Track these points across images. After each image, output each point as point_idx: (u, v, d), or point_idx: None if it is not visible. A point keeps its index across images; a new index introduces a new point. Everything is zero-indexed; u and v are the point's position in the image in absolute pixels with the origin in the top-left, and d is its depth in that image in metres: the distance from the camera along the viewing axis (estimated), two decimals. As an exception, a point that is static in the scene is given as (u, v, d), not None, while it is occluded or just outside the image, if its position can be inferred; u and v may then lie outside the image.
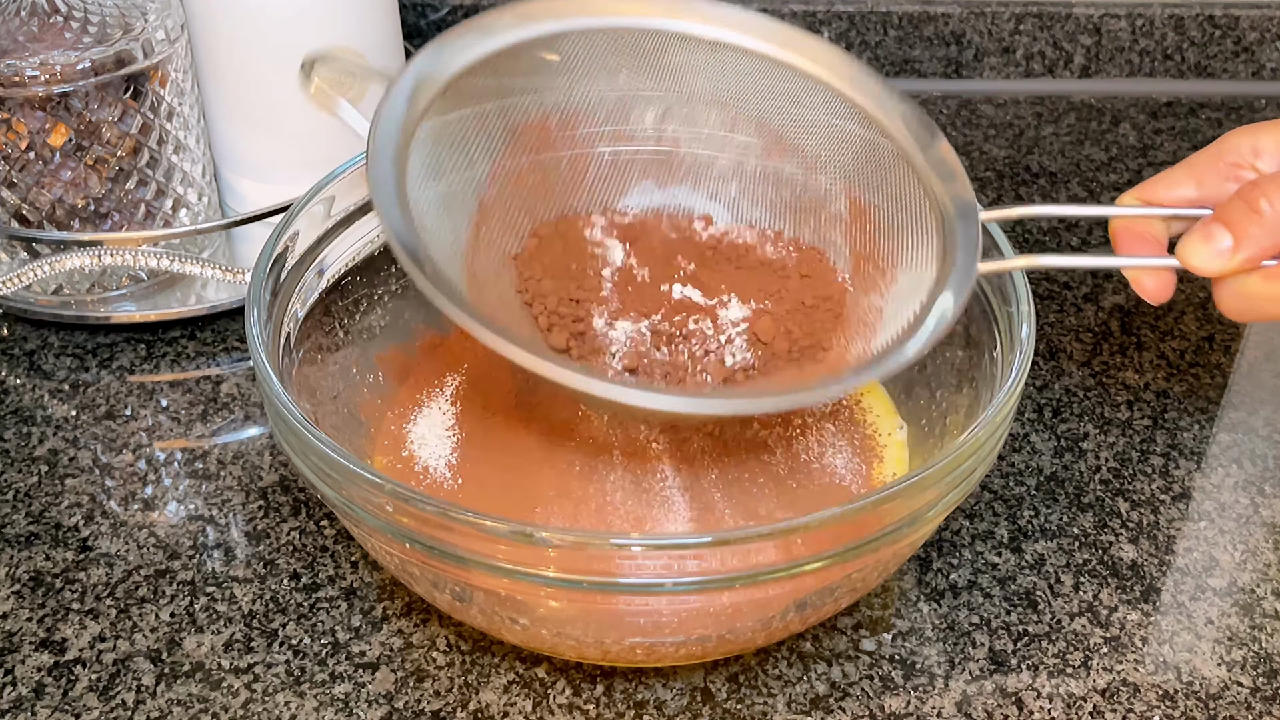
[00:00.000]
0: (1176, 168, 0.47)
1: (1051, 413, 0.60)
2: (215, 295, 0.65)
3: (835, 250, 0.51)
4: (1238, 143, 0.46)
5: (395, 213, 0.42)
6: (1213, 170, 0.46)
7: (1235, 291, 0.44)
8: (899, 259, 0.48)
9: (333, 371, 0.53)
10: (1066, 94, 0.87)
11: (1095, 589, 0.52)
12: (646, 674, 0.48)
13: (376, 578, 0.52)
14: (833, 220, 0.51)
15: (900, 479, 0.41)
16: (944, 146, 0.48)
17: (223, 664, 0.48)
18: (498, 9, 0.49)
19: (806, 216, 0.52)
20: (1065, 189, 0.77)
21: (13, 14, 0.61)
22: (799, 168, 0.52)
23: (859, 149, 0.50)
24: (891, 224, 0.49)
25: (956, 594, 0.51)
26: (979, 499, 0.56)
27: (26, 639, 0.50)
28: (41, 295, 0.65)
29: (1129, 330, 0.66)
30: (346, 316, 0.54)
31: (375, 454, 0.52)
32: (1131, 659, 0.49)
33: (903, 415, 0.55)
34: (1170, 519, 0.55)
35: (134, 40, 0.61)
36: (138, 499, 0.56)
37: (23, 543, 0.53)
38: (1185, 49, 0.87)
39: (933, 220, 0.47)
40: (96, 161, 0.62)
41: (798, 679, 0.48)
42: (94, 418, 0.60)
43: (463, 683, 0.48)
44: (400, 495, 0.40)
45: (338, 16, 0.64)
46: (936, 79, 0.88)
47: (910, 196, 0.48)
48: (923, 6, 0.85)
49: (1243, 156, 0.46)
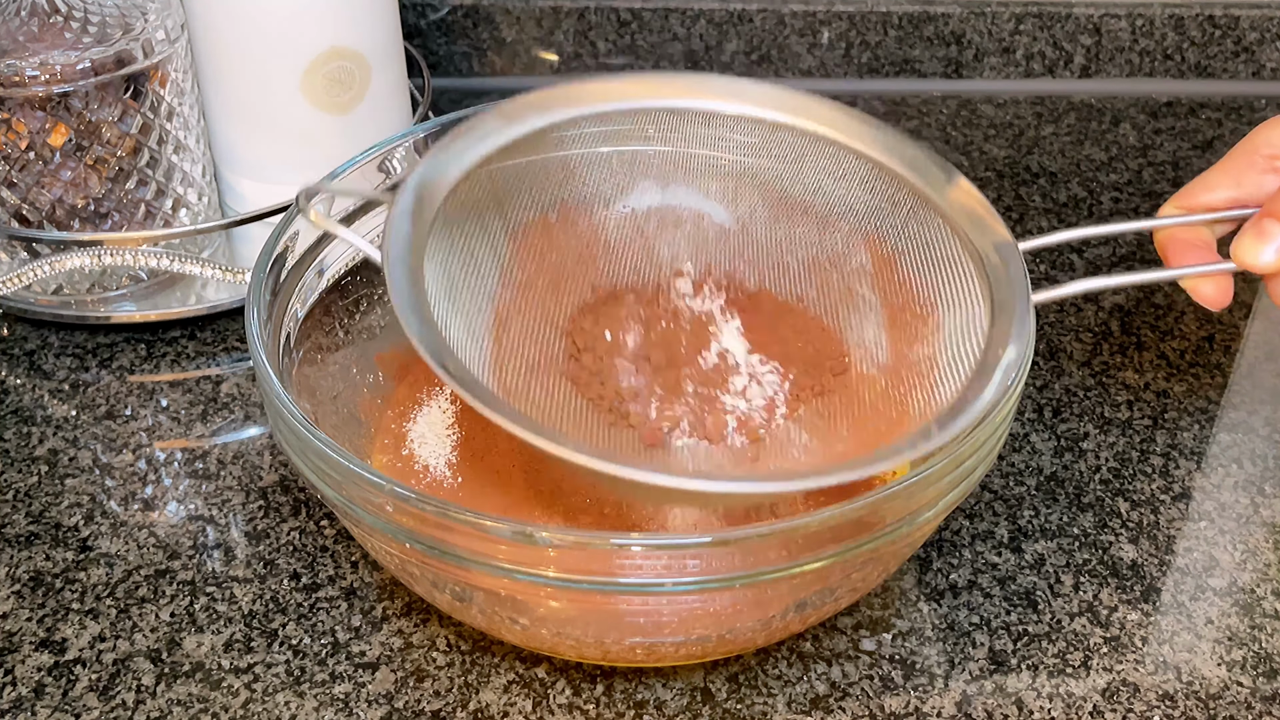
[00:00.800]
0: (1211, 170, 0.47)
1: (1051, 413, 0.60)
2: (215, 295, 0.65)
3: (866, 304, 0.50)
4: (1270, 135, 0.46)
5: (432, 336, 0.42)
6: (1248, 167, 0.46)
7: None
8: (938, 301, 0.47)
9: (333, 371, 0.53)
10: (1066, 94, 0.87)
11: (1095, 589, 0.52)
12: (646, 674, 0.48)
13: (376, 578, 0.52)
14: (857, 274, 0.50)
15: (900, 479, 0.41)
16: (963, 184, 0.48)
17: (223, 664, 0.48)
18: (481, 113, 0.48)
19: (828, 274, 0.51)
20: (1065, 189, 0.77)
21: (13, 14, 0.61)
22: (813, 227, 0.51)
23: (874, 199, 0.50)
24: (923, 269, 0.48)
25: (956, 594, 0.51)
26: (979, 499, 0.56)
27: (26, 639, 0.50)
28: (41, 295, 0.65)
29: (1129, 330, 0.66)
30: (346, 316, 0.54)
31: (375, 453, 0.52)
32: (1131, 659, 0.49)
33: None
34: (1170, 519, 0.55)
35: (134, 40, 0.61)
36: (138, 499, 0.56)
37: (23, 543, 0.53)
38: (1185, 49, 0.87)
39: (968, 259, 0.47)
40: (96, 161, 0.62)
41: (798, 679, 0.48)
42: (94, 418, 0.60)
43: (463, 683, 0.48)
44: (400, 495, 0.40)
45: (338, 16, 0.64)
46: (936, 79, 0.88)
47: (938, 239, 0.48)
48: (923, 6, 0.85)
49: (1276, 148, 0.45)
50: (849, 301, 0.50)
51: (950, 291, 0.47)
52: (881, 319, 0.49)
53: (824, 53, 0.87)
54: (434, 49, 0.87)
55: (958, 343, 0.46)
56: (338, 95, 0.65)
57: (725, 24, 0.86)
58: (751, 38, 0.86)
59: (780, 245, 0.52)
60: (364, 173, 0.53)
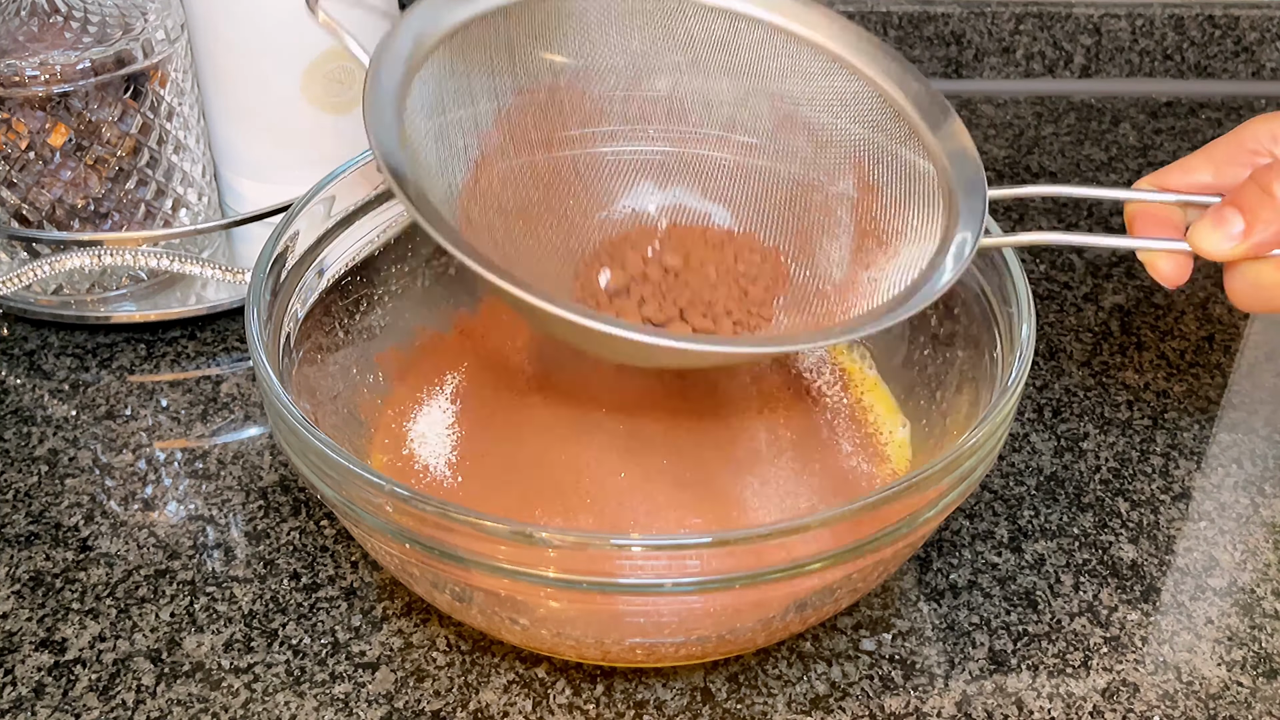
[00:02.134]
0: (1194, 155, 0.46)
1: (1051, 413, 0.60)
2: (215, 295, 0.65)
3: (841, 226, 0.51)
4: (1257, 130, 0.45)
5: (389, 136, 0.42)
6: (1231, 157, 0.46)
7: (1248, 280, 0.44)
8: (903, 233, 0.48)
9: (333, 371, 0.53)
10: (1066, 94, 0.87)
11: (1095, 589, 0.52)
12: (646, 674, 0.48)
13: (376, 578, 0.52)
14: (839, 198, 0.51)
15: (900, 479, 0.41)
16: (957, 126, 0.49)
17: (223, 664, 0.48)
18: None
19: (812, 193, 0.52)
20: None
21: (13, 14, 0.61)
22: (809, 143, 0.52)
23: (870, 126, 0.50)
24: (898, 200, 0.49)
25: (956, 594, 0.51)
26: (979, 499, 0.56)
27: (26, 639, 0.50)
28: (41, 295, 0.65)
29: (1129, 330, 0.66)
30: (346, 316, 0.54)
31: (375, 453, 0.52)
32: (1131, 659, 0.49)
33: (904, 415, 0.55)
34: (1170, 519, 0.55)
35: (134, 40, 0.61)
36: (138, 499, 0.56)
37: (23, 543, 0.53)
38: (1185, 49, 0.87)
39: (940, 197, 0.47)
40: (96, 161, 0.62)
41: (798, 679, 0.48)
42: (94, 418, 0.60)
43: (463, 683, 0.48)
44: (400, 495, 0.40)
45: (338, 17, 0.64)
46: (936, 79, 0.88)
47: (918, 173, 0.49)
48: (923, 6, 0.85)
49: (1261, 143, 0.45)
50: (825, 221, 0.51)
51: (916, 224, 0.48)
52: (851, 241, 0.50)
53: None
54: (434, 49, 0.87)
55: (905, 268, 0.47)
56: (338, 95, 0.65)
57: (725, 24, 0.86)
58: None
59: (776, 158, 0.52)
60: (364, 173, 0.53)
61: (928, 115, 0.49)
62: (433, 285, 0.57)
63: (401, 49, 0.45)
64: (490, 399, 0.54)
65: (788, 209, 0.52)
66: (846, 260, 0.50)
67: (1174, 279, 0.45)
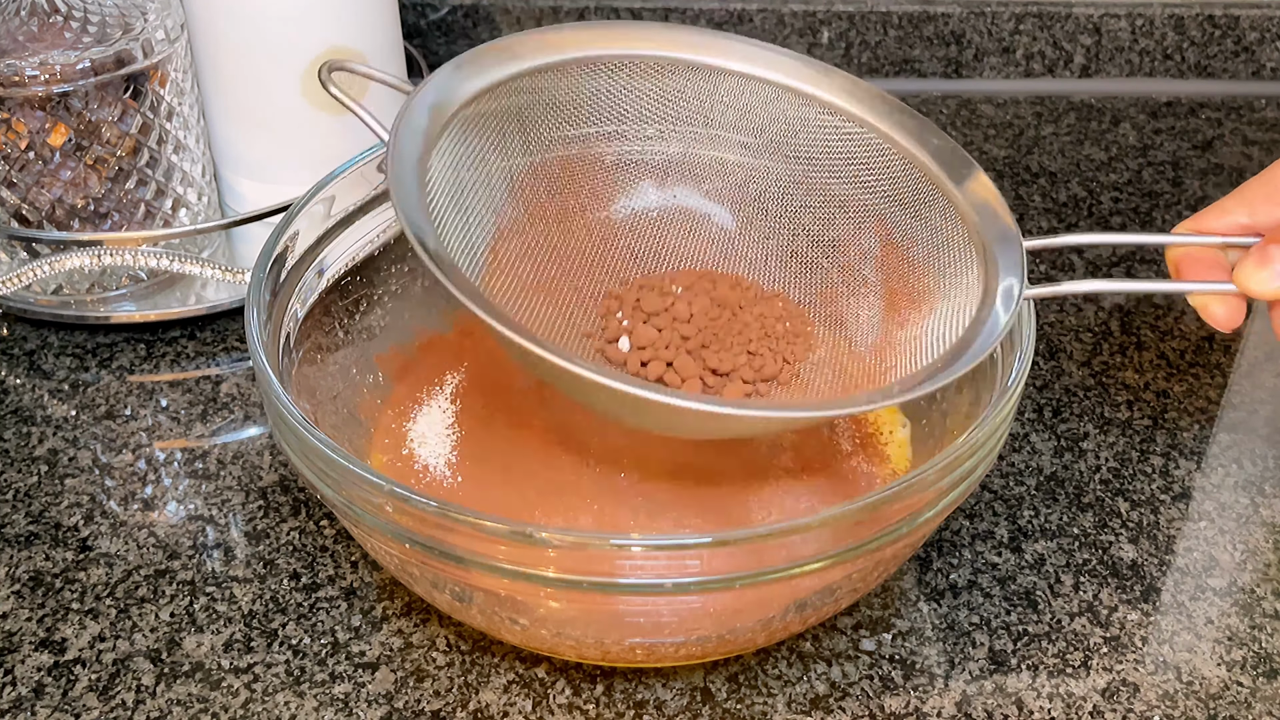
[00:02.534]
0: (1227, 197, 0.47)
1: (1051, 413, 0.60)
2: (215, 295, 0.65)
3: (868, 285, 0.51)
4: None
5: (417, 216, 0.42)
6: (1264, 196, 0.46)
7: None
8: (937, 290, 0.48)
9: (332, 371, 0.53)
10: (1066, 94, 0.87)
11: (1095, 589, 0.52)
12: (646, 674, 0.48)
13: (376, 578, 0.52)
14: (863, 256, 0.51)
15: (900, 479, 0.41)
16: (981, 179, 0.48)
17: (223, 664, 0.48)
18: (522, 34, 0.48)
19: (835, 252, 0.51)
20: (1065, 189, 0.77)
21: (13, 14, 0.61)
22: (828, 203, 0.52)
23: (892, 184, 0.50)
24: (927, 257, 0.49)
25: (956, 594, 0.51)
26: (979, 499, 0.56)
27: (26, 639, 0.50)
28: (41, 295, 0.65)
29: (1129, 330, 0.66)
30: (346, 316, 0.54)
31: (375, 453, 0.52)
32: (1131, 659, 0.49)
33: (903, 415, 0.55)
34: (1170, 519, 0.55)
35: (134, 40, 0.61)
36: (138, 499, 0.56)
37: (23, 543, 0.53)
38: (1185, 49, 0.87)
39: (973, 252, 0.47)
40: (96, 161, 0.62)
41: (798, 679, 0.48)
42: (94, 418, 0.60)
43: (463, 683, 0.48)
44: (400, 495, 0.40)
45: (338, 17, 0.64)
46: (936, 79, 0.88)
47: (947, 229, 0.48)
48: (923, 6, 0.85)
49: None
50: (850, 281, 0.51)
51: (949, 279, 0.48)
52: (880, 300, 0.50)
53: (824, 52, 0.87)
54: (434, 49, 0.87)
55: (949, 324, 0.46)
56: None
57: (725, 23, 0.86)
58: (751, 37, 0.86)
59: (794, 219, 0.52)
60: (364, 173, 0.53)
61: (950, 169, 0.49)
62: (433, 285, 0.57)
63: (418, 123, 0.45)
64: (490, 399, 0.54)
65: (814, 271, 0.52)
66: (878, 320, 0.50)
67: (1229, 323, 0.45)
